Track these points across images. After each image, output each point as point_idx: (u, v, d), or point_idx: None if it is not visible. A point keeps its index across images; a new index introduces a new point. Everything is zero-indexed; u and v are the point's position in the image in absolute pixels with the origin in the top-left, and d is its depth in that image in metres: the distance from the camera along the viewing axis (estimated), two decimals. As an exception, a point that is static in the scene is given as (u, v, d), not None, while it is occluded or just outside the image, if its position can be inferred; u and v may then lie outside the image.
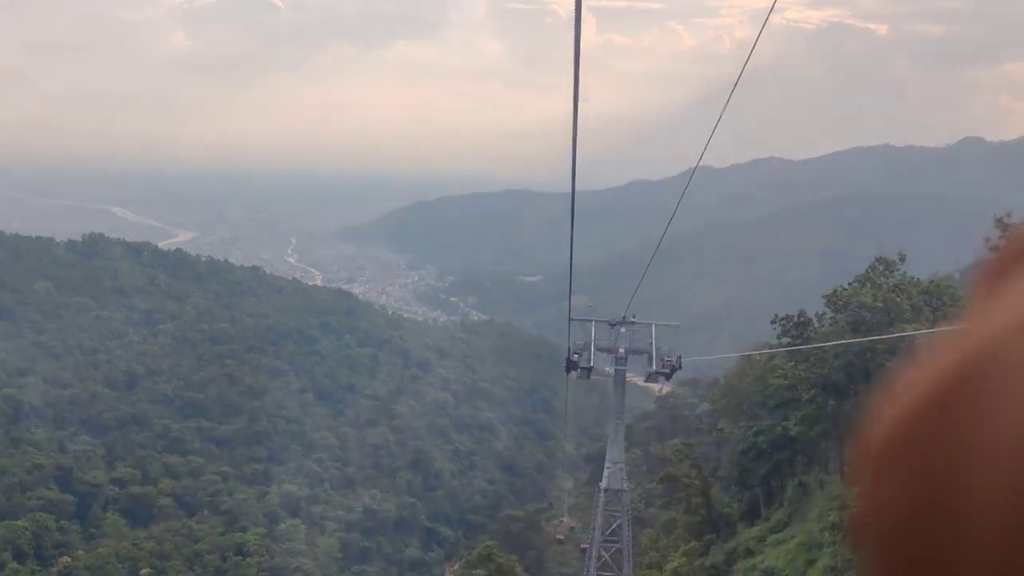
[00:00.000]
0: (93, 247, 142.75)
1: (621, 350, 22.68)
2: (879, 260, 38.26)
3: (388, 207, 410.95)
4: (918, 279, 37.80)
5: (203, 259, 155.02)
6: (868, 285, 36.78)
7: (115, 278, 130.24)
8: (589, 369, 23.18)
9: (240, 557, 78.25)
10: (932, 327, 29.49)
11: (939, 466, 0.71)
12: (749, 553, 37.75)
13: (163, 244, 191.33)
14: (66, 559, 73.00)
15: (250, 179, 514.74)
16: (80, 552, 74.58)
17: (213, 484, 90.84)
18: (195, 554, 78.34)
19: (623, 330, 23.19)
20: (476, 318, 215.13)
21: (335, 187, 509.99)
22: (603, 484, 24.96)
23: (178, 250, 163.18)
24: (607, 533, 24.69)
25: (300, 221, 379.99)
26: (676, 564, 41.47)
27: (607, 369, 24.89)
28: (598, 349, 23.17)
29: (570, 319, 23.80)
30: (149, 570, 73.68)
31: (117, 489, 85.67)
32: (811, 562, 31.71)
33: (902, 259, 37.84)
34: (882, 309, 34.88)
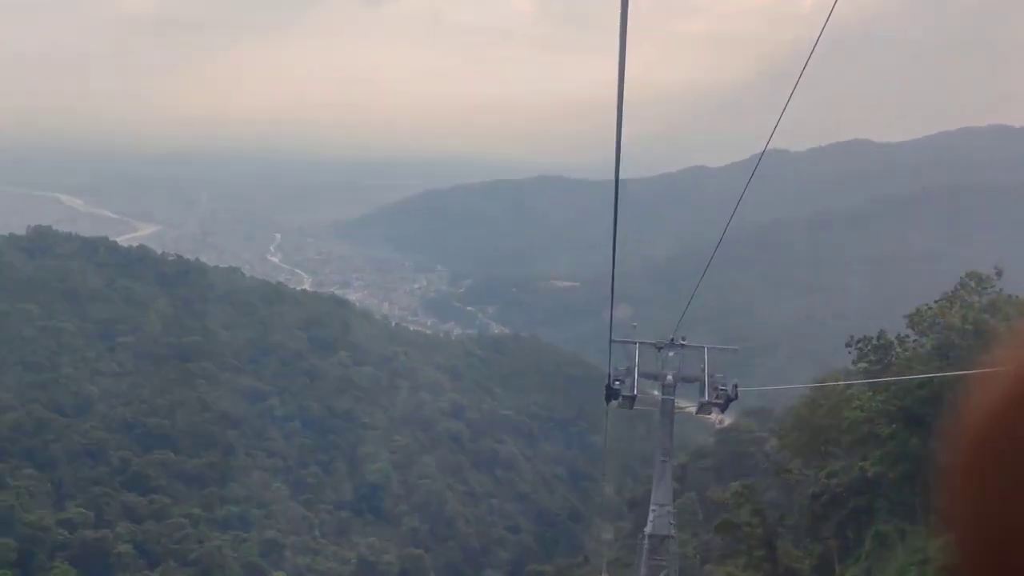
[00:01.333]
0: (39, 243, 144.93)
1: (669, 377, 23.37)
2: (970, 275, 38.56)
3: (392, 197, 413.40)
4: (1017, 297, 37.90)
5: (170, 258, 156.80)
6: (957, 304, 37.22)
7: (65, 280, 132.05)
8: (632, 398, 23.90)
9: (211, 617, 79.43)
10: None
11: None
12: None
13: (122, 239, 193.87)
14: (4, 618, 74.33)
15: (227, 162, 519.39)
16: (21, 609, 75.94)
17: (180, 529, 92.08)
18: (158, 613, 79.58)
19: (671, 353, 23.87)
20: (497, 331, 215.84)
21: (328, 172, 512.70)
22: (647, 530, 25.65)
23: (140, 247, 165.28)
24: None
25: (286, 213, 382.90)
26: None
27: (655, 393, 25.51)
28: (643, 375, 23.90)
29: (611, 341, 24.52)
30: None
31: (67, 533, 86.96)
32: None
33: (999, 274, 38.21)
34: (972, 332, 35.04)
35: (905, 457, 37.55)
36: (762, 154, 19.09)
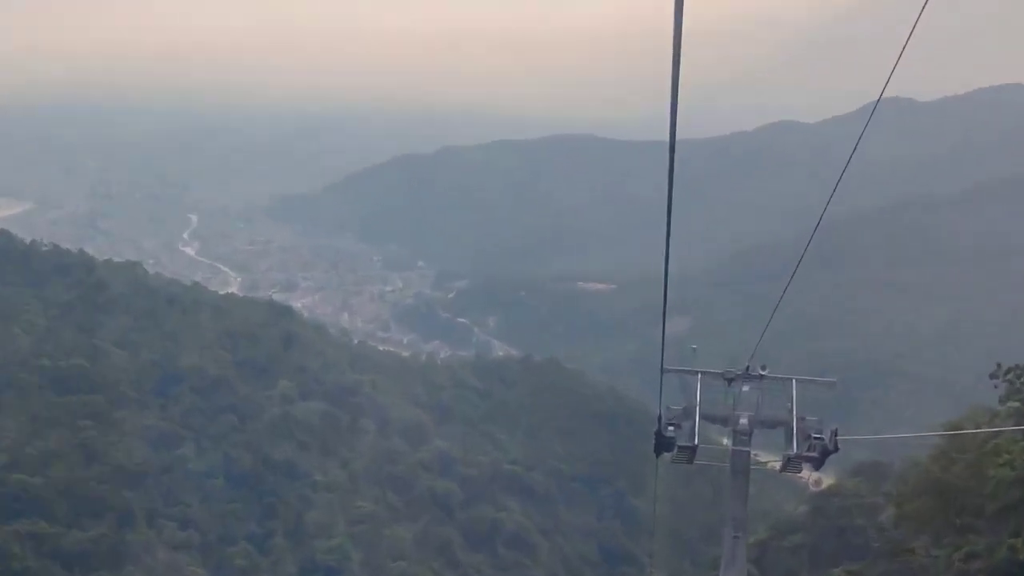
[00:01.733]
0: None
1: (743, 420, 23.06)
2: None
3: (353, 164, 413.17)
4: None
5: (44, 248, 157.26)
6: None
7: None
8: (693, 449, 23.52)
9: None
10: None
11: None
12: None
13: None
14: None
15: (121, 117, 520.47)
16: None
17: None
18: None
19: (746, 387, 23.50)
20: (501, 353, 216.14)
21: (263, 129, 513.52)
22: None
23: (2, 232, 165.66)
24: None
25: (205, 187, 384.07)
26: None
27: (723, 442, 25.30)
28: (706, 418, 23.52)
29: (663, 369, 24.13)
30: None
31: None
32: None
33: None
34: None
35: None
36: (876, 103, 19.02)
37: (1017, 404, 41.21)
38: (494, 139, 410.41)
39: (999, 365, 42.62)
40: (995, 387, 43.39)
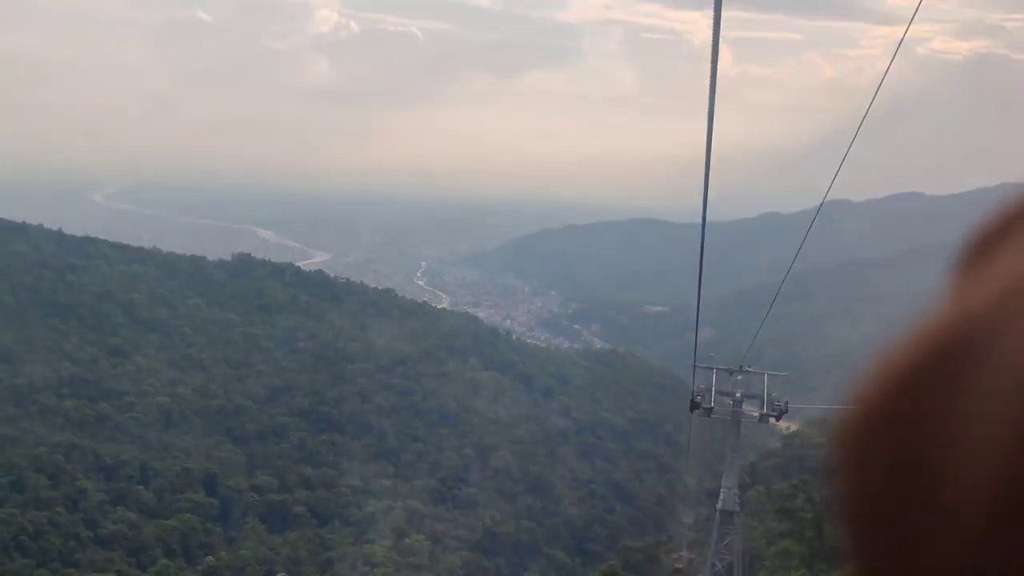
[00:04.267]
0: (240, 266, 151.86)
1: (737, 395, 25.38)
2: None
3: (514, 234, 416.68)
4: None
5: (341, 280, 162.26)
6: None
7: (260, 296, 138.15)
8: (710, 410, 25.77)
9: (368, 567, 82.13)
10: None
11: (916, 448, 0.68)
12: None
13: (303, 264, 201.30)
14: (210, 559, 78.52)
15: (382, 205, 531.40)
16: (223, 553, 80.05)
17: (344, 496, 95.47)
18: (327, 561, 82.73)
19: (740, 377, 25.63)
20: (599, 346, 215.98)
21: (464, 213, 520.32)
22: (719, 506, 27.49)
23: (319, 271, 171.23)
24: (721, 548, 26.96)
25: (429, 246, 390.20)
26: (787, 585, 43.88)
27: (729, 401, 26.92)
28: (718, 392, 25.64)
29: (694, 366, 26.25)
30: (284, 574, 78.26)
31: (256, 496, 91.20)
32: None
33: None
34: None
35: None
36: (820, 204, 19.94)
37: None
38: (598, 219, 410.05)
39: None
40: None
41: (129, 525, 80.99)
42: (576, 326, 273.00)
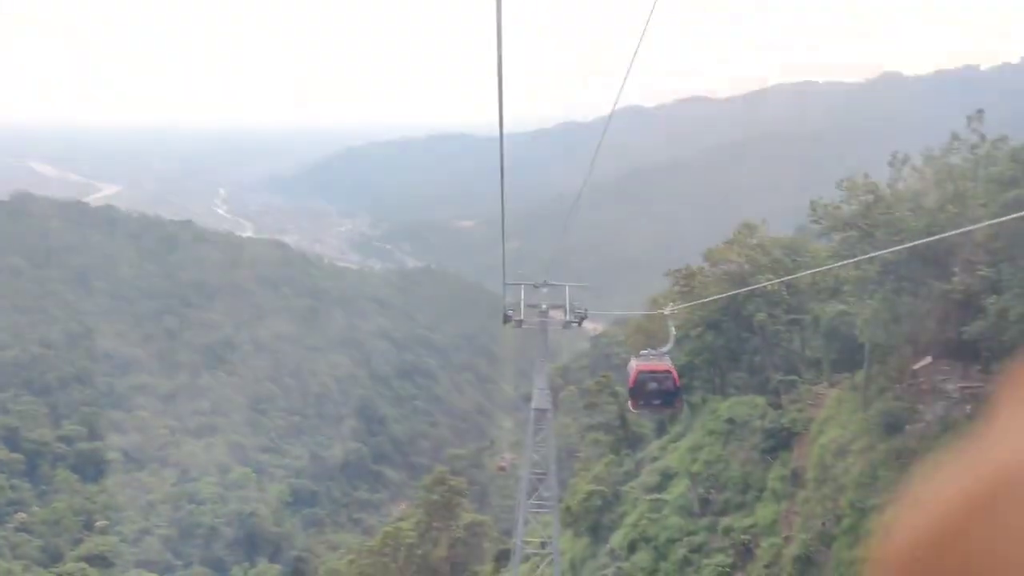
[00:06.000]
0: (19, 205, 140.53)
1: (544, 306, 27.50)
2: (745, 225, 45.48)
3: (316, 155, 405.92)
4: (779, 238, 45.63)
5: (134, 215, 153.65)
6: (735, 245, 44.05)
7: (46, 237, 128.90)
8: (520, 322, 27.90)
9: (194, 505, 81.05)
10: (790, 275, 36.94)
11: None
12: (654, 459, 45.74)
13: (91, 199, 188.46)
14: (21, 515, 74.97)
15: (173, 132, 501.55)
16: (35, 508, 76.50)
17: (161, 438, 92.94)
18: (149, 504, 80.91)
19: (545, 290, 27.79)
20: (412, 265, 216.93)
21: (261, 137, 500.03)
22: (532, 405, 29.96)
23: (109, 207, 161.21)
24: (537, 443, 29.52)
25: (228, 173, 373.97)
26: (597, 471, 48.93)
27: (542, 307, 29.06)
28: (527, 306, 27.69)
29: (504, 284, 28.06)
30: (104, 522, 76.02)
31: (65, 447, 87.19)
32: (695, 459, 40.70)
33: (763, 222, 45.49)
34: (747, 264, 42.46)
35: (705, 349, 45.82)
36: (611, 113, 21.16)
37: (678, 288, 45.96)
38: (402, 136, 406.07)
39: (669, 269, 47.84)
40: (668, 278, 48.58)
41: (-78, 492, 75.76)
42: (388, 246, 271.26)
